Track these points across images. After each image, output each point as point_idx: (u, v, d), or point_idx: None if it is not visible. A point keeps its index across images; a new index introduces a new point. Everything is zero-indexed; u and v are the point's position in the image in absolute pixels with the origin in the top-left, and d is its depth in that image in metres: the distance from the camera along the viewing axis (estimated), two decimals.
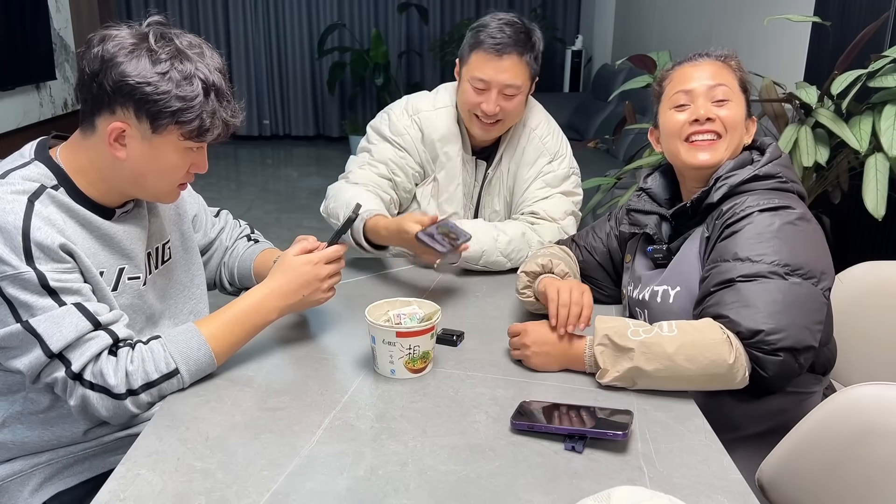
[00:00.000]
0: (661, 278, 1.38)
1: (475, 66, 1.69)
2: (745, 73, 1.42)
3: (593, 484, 0.99)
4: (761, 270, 1.21)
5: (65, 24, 5.20)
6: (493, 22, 1.69)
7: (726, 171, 1.35)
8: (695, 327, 1.19)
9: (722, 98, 1.36)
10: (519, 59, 1.68)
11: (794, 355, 1.16)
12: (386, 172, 1.82)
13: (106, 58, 1.11)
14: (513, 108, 1.73)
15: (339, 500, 0.96)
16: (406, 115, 1.83)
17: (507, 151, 1.84)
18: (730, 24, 3.87)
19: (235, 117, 1.21)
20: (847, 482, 1.07)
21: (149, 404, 1.18)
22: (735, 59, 1.42)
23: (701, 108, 1.35)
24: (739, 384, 1.18)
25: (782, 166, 1.34)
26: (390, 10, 7.04)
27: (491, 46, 1.66)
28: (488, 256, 1.71)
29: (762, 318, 1.17)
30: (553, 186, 1.83)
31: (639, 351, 1.18)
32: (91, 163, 1.20)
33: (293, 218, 4.85)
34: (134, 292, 1.28)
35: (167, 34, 1.15)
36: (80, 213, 1.19)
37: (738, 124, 1.37)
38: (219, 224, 1.60)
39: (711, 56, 1.41)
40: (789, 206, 1.27)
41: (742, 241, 1.25)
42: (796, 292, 1.19)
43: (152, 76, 1.12)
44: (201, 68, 1.15)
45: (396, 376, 1.26)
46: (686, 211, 1.39)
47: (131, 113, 1.14)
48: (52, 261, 1.11)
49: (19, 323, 1.09)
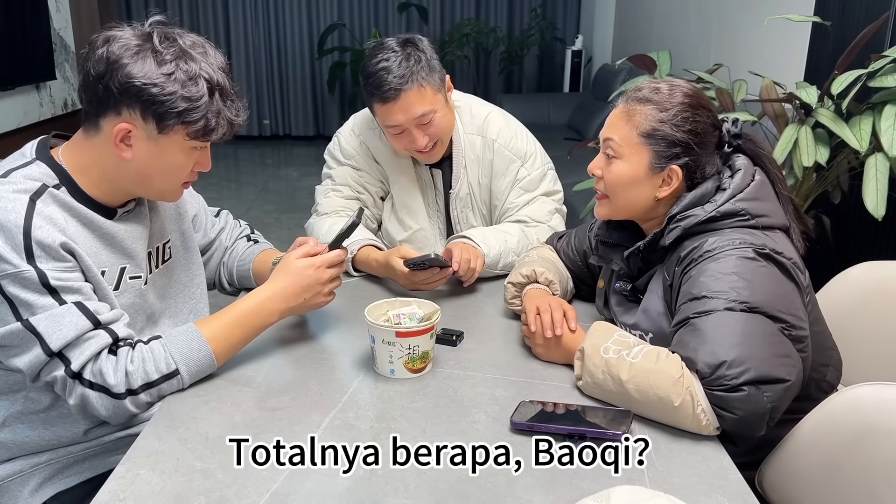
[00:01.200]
0: (633, 320, 1.33)
1: (381, 115, 1.64)
2: (676, 120, 1.23)
3: (593, 483, 0.99)
4: (716, 306, 1.12)
5: (65, 24, 5.20)
6: (374, 66, 1.59)
7: (681, 208, 1.24)
8: (658, 358, 1.13)
9: (611, 154, 1.28)
10: (416, 88, 1.59)
11: (759, 388, 1.06)
12: (351, 193, 1.83)
13: (111, 59, 1.12)
14: (439, 128, 1.67)
15: (339, 499, 0.96)
16: (353, 135, 1.83)
17: (472, 165, 1.80)
18: (730, 24, 3.87)
19: (239, 116, 1.21)
20: (847, 482, 1.07)
21: (148, 404, 1.18)
22: (652, 103, 1.24)
23: (592, 162, 1.33)
24: (705, 430, 1.08)
25: (747, 200, 1.22)
26: (390, 10, 7.05)
27: (383, 96, 1.59)
28: (505, 258, 1.70)
29: (721, 350, 1.08)
30: (532, 190, 1.81)
31: (600, 369, 1.17)
32: (95, 162, 1.20)
33: (293, 218, 4.84)
34: (135, 292, 1.29)
35: (170, 34, 1.16)
36: (82, 213, 1.19)
37: (618, 184, 1.27)
38: (219, 224, 1.60)
39: (630, 95, 1.28)
40: (752, 244, 1.17)
41: (699, 280, 1.17)
42: (755, 324, 1.11)
43: (158, 77, 1.12)
44: (206, 68, 1.15)
45: (396, 376, 1.26)
46: (640, 252, 1.31)
47: (137, 114, 1.14)
48: (52, 259, 1.11)
49: (19, 321, 1.09)
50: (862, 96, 2.08)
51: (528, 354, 1.36)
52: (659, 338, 1.27)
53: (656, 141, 1.24)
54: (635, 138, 1.25)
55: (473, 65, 6.95)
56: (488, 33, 6.65)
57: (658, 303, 1.29)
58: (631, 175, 1.26)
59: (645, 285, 1.33)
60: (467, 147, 1.79)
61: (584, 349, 1.21)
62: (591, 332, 1.24)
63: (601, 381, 1.17)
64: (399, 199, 1.84)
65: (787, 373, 1.09)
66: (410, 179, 1.82)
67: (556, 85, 7.05)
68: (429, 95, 1.62)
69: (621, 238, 1.38)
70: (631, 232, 1.38)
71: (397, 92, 1.58)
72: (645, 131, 1.24)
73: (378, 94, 1.60)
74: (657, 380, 1.10)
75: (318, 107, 7.35)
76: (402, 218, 1.84)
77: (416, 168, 1.82)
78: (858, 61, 2.14)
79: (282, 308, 1.30)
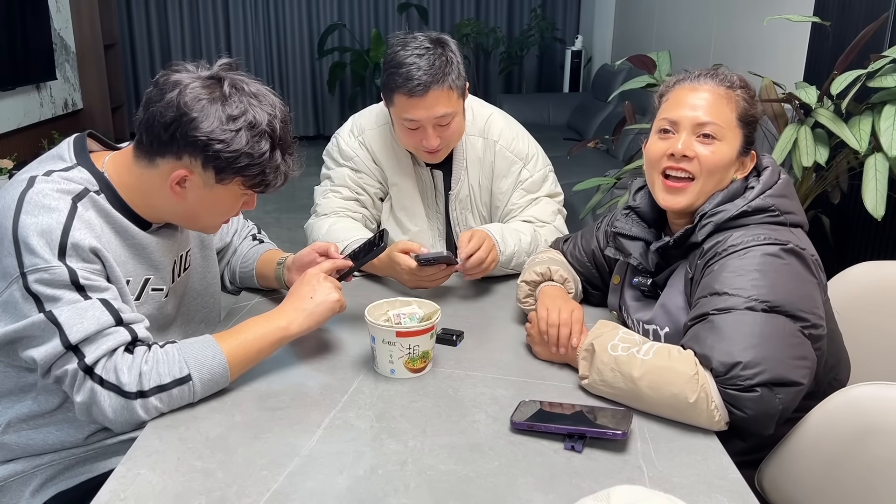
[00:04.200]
0: (650, 315, 1.33)
1: (401, 108, 1.61)
2: (755, 104, 1.29)
3: (593, 483, 0.99)
4: (737, 304, 1.13)
5: (65, 24, 5.20)
6: (405, 58, 1.57)
7: (713, 206, 1.25)
8: (670, 355, 1.13)
9: (709, 134, 1.25)
10: (443, 90, 1.58)
11: (772, 390, 1.07)
12: (350, 194, 1.83)
13: (182, 110, 1.12)
14: (453, 131, 1.67)
15: (339, 499, 0.96)
16: (353, 136, 1.83)
17: (473, 167, 1.80)
18: (730, 24, 3.87)
19: (295, 170, 1.24)
20: (847, 482, 1.07)
21: (157, 410, 1.14)
22: (741, 89, 1.28)
23: (680, 143, 1.25)
24: (716, 426, 1.10)
25: (776, 196, 1.24)
26: (390, 10, 7.05)
27: (412, 90, 1.57)
28: (518, 258, 1.69)
29: (738, 350, 1.08)
30: (535, 192, 1.81)
31: (609, 367, 1.17)
32: (141, 189, 1.21)
33: (293, 218, 4.84)
34: (155, 303, 1.29)
35: (238, 84, 1.16)
36: (118, 221, 1.20)
37: (719, 167, 1.25)
38: (233, 226, 1.62)
39: (717, 79, 1.28)
40: (777, 239, 1.18)
41: (721, 275, 1.17)
42: (774, 325, 1.11)
43: (225, 134, 1.13)
44: (271, 122, 1.17)
45: (396, 376, 1.27)
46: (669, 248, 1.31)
47: (198, 163, 1.16)
48: (82, 261, 1.12)
49: (42, 313, 1.09)
50: (861, 96, 2.08)
51: (529, 354, 1.36)
52: (675, 333, 1.27)
53: (747, 125, 1.28)
54: (734, 122, 1.26)
55: (473, 65, 6.95)
56: (488, 33, 6.65)
57: (678, 298, 1.28)
58: (730, 157, 1.26)
59: (664, 280, 1.33)
60: (468, 148, 1.79)
61: (592, 347, 1.21)
62: (596, 330, 1.24)
63: (610, 379, 1.16)
64: (398, 201, 1.84)
65: (801, 375, 1.10)
66: (411, 180, 1.82)
67: (555, 85, 7.05)
68: (453, 98, 1.62)
69: (642, 232, 1.38)
70: (652, 227, 1.39)
71: (426, 88, 1.57)
72: (741, 115, 1.27)
73: (406, 86, 1.57)
74: (671, 376, 1.10)
75: (318, 107, 7.34)
76: (401, 219, 1.84)
77: (417, 169, 1.82)
78: (858, 61, 2.14)
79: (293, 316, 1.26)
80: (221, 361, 1.18)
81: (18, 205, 1.11)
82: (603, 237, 1.53)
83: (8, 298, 1.10)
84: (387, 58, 1.63)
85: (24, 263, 1.08)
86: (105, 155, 1.25)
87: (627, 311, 1.40)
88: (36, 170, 1.18)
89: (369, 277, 1.74)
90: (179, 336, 1.37)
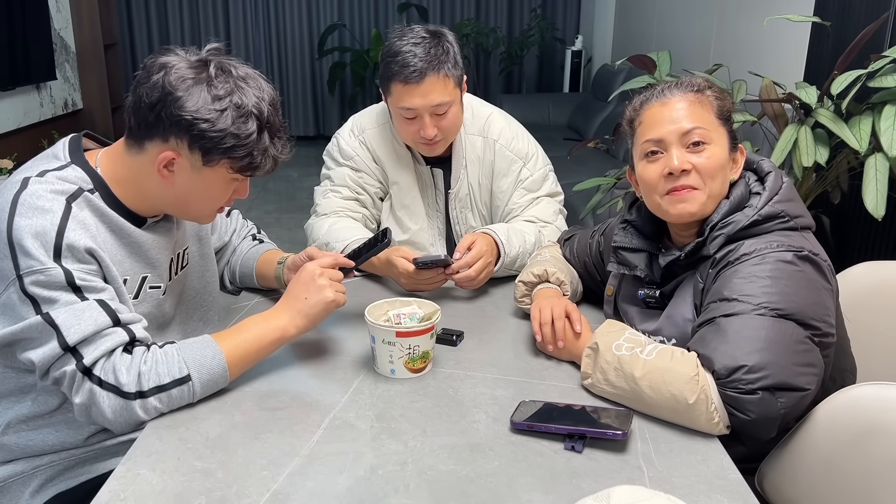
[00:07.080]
0: (655, 326, 1.31)
1: (398, 96, 1.62)
2: (726, 98, 1.28)
3: (593, 483, 0.99)
4: (745, 310, 1.11)
5: (65, 24, 5.20)
6: (401, 47, 1.59)
7: (721, 217, 1.23)
8: (672, 357, 1.13)
9: (699, 141, 1.22)
10: (438, 77, 1.59)
11: (774, 394, 1.06)
12: (350, 194, 1.83)
13: (166, 90, 1.12)
14: (451, 122, 1.67)
15: (339, 499, 0.96)
16: (353, 136, 1.83)
17: (472, 165, 1.81)
18: (730, 24, 3.87)
19: (284, 153, 1.22)
20: (847, 482, 1.07)
21: (156, 410, 1.14)
22: (709, 89, 1.26)
23: (675, 159, 1.21)
24: (716, 430, 1.09)
25: (784, 201, 1.22)
26: (390, 10, 7.05)
27: (407, 76, 1.58)
28: (521, 259, 1.69)
29: (742, 354, 1.07)
30: (535, 191, 1.82)
31: (612, 366, 1.17)
32: (134, 179, 1.21)
33: (293, 218, 4.84)
34: (153, 301, 1.29)
35: (226, 66, 1.16)
36: (113, 219, 1.20)
37: (718, 169, 1.22)
38: (231, 225, 1.62)
39: (683, 87, 1.26)
40: (791, 246, 1.16)
41: (732, 281, 1.16)
42: (781, 331, 1.09)
43: (210, 113, 1.13)
44: (258, 104, 1.16)
45: (396, 376, 1.26)
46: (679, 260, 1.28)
47: (185, 144, 1.15)
48: (78, 262, 1.12)
49: (39, 315, 1.09)
50: (861, 96, 2.08)
51: (528, 354, 1.36)
52: (682, 343, 1.24)
53: (727, 121, 1.27)
54: (715, 121, 1.25)
55: (473, 65, 6.95)
56: (488, 33, 6.65)
57: (686, 309, 1.27)
58: (724, 157, 1.24)
59: (671, 291, 1.31)
60: (468, 147, 1.79)
61: (596, 346, 1.21)
62: (602, 330, 1.24)
63: (613, 379, 1.16)
64: (398, 200, 1.84)
65: (806, 382, 1.09)
66: (411, 178, 1.82)
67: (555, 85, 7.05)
68: (450, 87, 1.63)
69: (644, 244, 1.36)
70: (651, 238, 1.37)
71: (422, 74, 1.58)
72: (719, 113, 1.26)
73: (402, 73, 1.59)
74: (672, 377, 1.10)
75: (318, 107, 7.34)
76: (401, 218, 1.84)
77: (417, 167, 1.82)
78: (858, 61, 2.14)
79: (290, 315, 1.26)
80: (221, 361, 1.18)
81: (12, 207, 1.11)
82: (596, 248, 1.53)
83: (5, 301, 1.10)
84: (384, 49, 1.65)
85: (20, 266, 1.08)
86: (99, 152, 1.25)
87: (631, 323, 1.38)
88: (30, 170, 1.17)
89: (369, 277, 1.74)
90: (178, 335, 1.37)
